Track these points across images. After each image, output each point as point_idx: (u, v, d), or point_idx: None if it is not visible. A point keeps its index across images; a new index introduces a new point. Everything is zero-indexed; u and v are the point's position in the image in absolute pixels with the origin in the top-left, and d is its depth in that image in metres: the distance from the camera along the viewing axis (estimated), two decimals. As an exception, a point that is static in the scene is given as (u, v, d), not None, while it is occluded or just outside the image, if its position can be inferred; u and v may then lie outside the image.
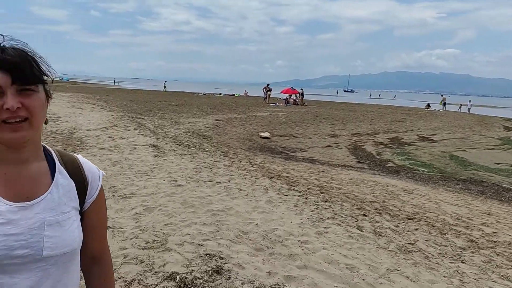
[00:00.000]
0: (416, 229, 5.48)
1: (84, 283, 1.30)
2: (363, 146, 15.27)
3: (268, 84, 40.50)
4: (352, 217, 5.68)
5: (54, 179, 1.13)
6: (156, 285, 3.35)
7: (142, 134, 11.56)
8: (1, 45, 1.03)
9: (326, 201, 6.35)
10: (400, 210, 6.40)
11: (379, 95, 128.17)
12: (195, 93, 54.76)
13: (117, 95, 36.67)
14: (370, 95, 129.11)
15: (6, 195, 1.05)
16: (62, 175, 1.15)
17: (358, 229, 5.20)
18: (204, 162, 8.45)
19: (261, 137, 14.98)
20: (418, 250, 4.74)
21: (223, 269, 3.67)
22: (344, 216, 5.68)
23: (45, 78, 1.07)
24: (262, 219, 5.16)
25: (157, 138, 11.17)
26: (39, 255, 1.04)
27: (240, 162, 9.05)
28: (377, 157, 13.24)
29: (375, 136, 18.23)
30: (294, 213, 5.53)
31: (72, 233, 1.11)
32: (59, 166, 1.16)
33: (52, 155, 1.18)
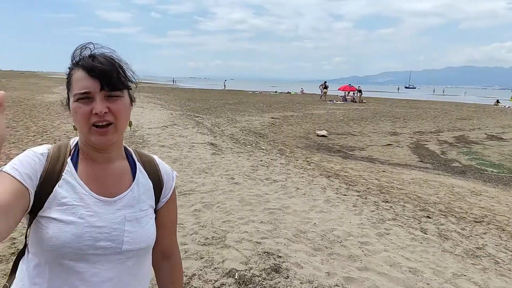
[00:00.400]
0: (484, 233, 5.16)
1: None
2: (426, 144, 14.63)
3: (325, 82, 39.93)
4: (415, 218, 5.44)
5: (136, 178, 1.21)
6: (216, 280, 3.40)
7: (200, 132, 11.83)
8: (92, 52, 1.10)
9: (387, 201, 6.14)
10: (467, 212, 6.05)
11: (443, 92, 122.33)
12: (251, 91, 55.22)
13: (175, 94, 37.81)
14: (434, 91, 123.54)
15: (94, 189, 1.13)
16: (142, 174, 1.23)
17: (421, 231, 4.98)
18: (261, 160, 8.48)
19: (318, 135, 14.80)
20: (487, 255, 4.45)
21: (281, 268, 3.65)
22: (406, 217, 5.46)
23: (129, 84, 1.13)
24: (320, 218, 5.08)
25: (215, 136, 11.37)
26: (119, 248, 1.10)
27: (297, 160, 8.99)
28: (442, 156, 12.62)
29: (439, 134, 17.40)
30: (353, 213, 5.40)
31: (148, 230, 1.17)
32: (139, 166, 1.24)
33: (132, 155, 1.26)
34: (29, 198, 1.04)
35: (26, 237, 1.14)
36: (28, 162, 1.07)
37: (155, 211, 1.25)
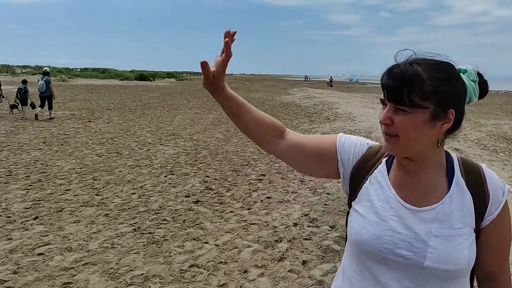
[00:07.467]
0: None
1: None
2: None
3: None
4: None
5: (450, 191, 1.09)
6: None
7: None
8: (400, 60, 1.04)
9: None
10: None
11: None
12: (495, 91, 48.59)
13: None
14: None
15: (400, 195, 1.10)
16: (458, 187, 1.09)
17: None
18: (520, 171, 7.19)
19: None
20: None
21: None
22: None
23: (423, 102, 0.99)
24: None
25: (458, 141, 10.29)
26: (421, 263, 1.03)
27: None
28: None
29: None
30: None
31: (459, 252, 1.03)
32: (457, 177, 1.11)
33: (453, 163, 1.13)
34: (335, 165, 1.21)
35: (346, 225, 1.21)
36: (354, 141, 1.22)
37: (478, 229, 1.09)
